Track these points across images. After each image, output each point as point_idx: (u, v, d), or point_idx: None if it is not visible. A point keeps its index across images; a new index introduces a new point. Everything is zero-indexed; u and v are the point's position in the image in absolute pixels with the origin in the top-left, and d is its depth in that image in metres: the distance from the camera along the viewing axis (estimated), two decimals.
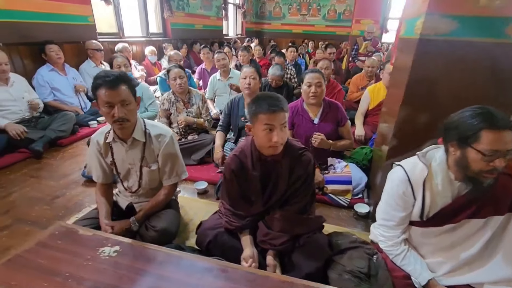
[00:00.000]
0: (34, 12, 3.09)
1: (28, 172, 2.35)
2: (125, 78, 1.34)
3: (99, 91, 1.28)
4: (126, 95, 1.32)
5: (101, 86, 1.27)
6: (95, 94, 1.31)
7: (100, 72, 1.32)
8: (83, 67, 3.61)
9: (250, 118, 1.28)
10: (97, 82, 1.29)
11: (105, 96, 1.27)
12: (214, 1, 7.38)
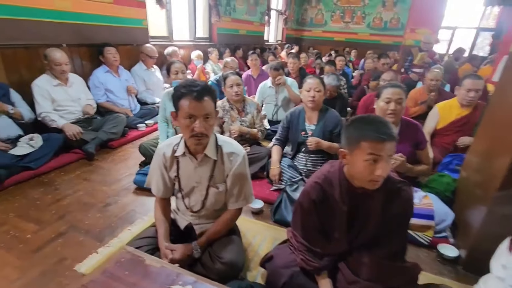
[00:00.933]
0: (95, 15, 3.15)
1: (81, 174, 2.33)
2: (210, 89, 1.21)
3: (182, 101, 1.16)
4: (210, 109, 1.19)
5: (186, 97, 1.15)
6: (176, 104, 1.18)
7: (185, 81, 1.19)
8: (134, 69, 3.64)
9: (346, 143, 1.07)
10: (181, 92, 1.16)
11: (189, 108, 1.14)
12: (259, 7, 7.32)
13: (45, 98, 2.55)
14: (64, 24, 2.86)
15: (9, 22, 2.42)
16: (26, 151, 2.24)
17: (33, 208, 1.87)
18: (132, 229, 1.72)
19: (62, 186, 2.14)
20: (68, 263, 1.45)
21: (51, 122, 2.51)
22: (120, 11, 3.45)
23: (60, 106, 2.67)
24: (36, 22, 2.61)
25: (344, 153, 1.08)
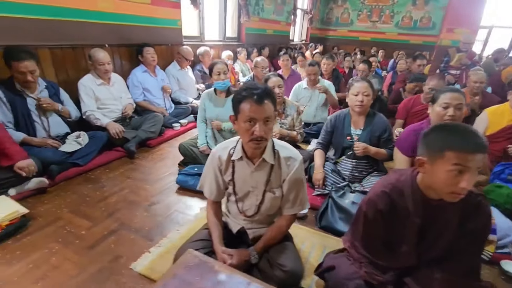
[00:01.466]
0: (133, 15, 3.22)
1: (124, 172, 2.39)
2: (270, 92, 1.19)
3: (243, 104, 1.14)
4: (270, 112, 1.17)
5: (246, 100, 1.13)
6: (236, 108, 1.17)
7: (247, 84, 1.18)
8: (169, 69, 3.69)
9: (426, 152, 1.01)
10: (242, 95, 1.15)
11: (250, 111, 1.13)
12: (286, 6, 7.25)
13: (90, 97, 2.64)
14: (106, 25, 2.94)
15: (58, 23, 2.51)
16: (74, 148, 2.32)
17: (84, 204, 1.93)
18: (180, 229, 1.73)
19: (108, 184, 2.19)
20: (123, 261, 1.47)
21: (95, 121, 2.58)
22: (156, 11, 3.51)
23: (103, 105, 2.75)
24: (81, 23, 2.70)
25: (422, 161, 1.02)
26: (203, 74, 4.21)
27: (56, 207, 1.88)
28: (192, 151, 2.47)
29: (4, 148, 1.86)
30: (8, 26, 2.18)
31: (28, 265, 1.42)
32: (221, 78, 2.35)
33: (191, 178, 2.16)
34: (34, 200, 1.93)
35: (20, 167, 1.85)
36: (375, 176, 2.04)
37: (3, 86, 2.10)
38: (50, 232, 1.65)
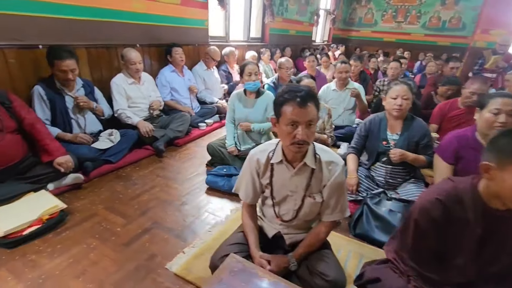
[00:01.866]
0: (163, 16, 3.26)
1: (154, 170, 2.42)
2: (314, 95, 1.15)
3: (285, 107, 1.11)
4: (314, 115, 1.13)
5: (289, 102, 1.10)
6: (278, 110, 1.14)
7: (289, 86, 1.15)
8: (195, 69, 3.72)
9: (496, 157, 0.94)
10: (284, 97, 1.12)
11: (292, 114, 1.09)
12: (309, 7, 7.17)
13: (121, 96, 2.69)
14: (138, 25, 2.99)
15: (94, 23, 2.57)
16: (107, 146, 2.37)
17: (117, 201, 1.96)
18: (212, 231, 1.72)
19: (139, 181, 2.22)
20: (158, 260, 1.48)
21: (126, 119, 2.64)
22: (185, 12, 3.54)
23: (134, 103, 2.80)
24: (116, 24, 2.76)
25: (488, 167, 0.95)
26: (227, 74, 4.22)
27: (91, 203, 1.92)
28: (220, 151, 2.47)
29: (44, 144, 1.93)
30: (50, 26, 2.26)
31: (68, 260, 1.45)
32: (252, 79, 2.33)
33: (220, 179, 2.15)
34: (70, 195, 1.99)
35: (59, 163, 1.91)
36: (412, 184, 1.96)
37: (44, 84, 2.18)
38: (87, 227, 1.69)
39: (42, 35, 2.23)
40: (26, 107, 1.99)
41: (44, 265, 1.41)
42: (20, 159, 1.92)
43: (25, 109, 1.97)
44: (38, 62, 2.24)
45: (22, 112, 1.94)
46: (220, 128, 3.53)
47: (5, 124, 1.85)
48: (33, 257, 1.46)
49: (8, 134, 1.86)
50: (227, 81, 4.19)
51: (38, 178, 1.89)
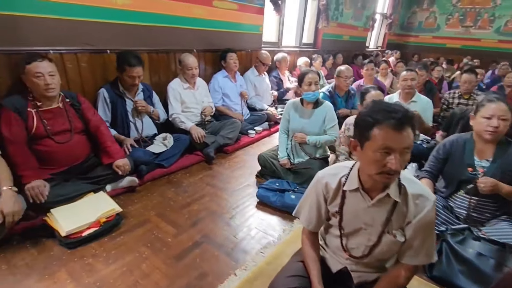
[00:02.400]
0: (221, 21, 3.26)
1: (203, 178, 2.38)
2: (412, 116, 0.95)
3: (376, 130, 0.92)
4: (411, 141, 0.93)
5: (382, 125, 0.91)
6: (365, 133, 0.96)
7: (379, 104, 0.97)
8: (247, 74, 3.67)
9: None
10: (375, 118, 0.93)
11: (387, 139, 0.91)
12: (365, 11, 6.78)
13: (177, 100, 2.72)
14: (196, 31, 3.02)
15: (157, 29, 2.64)
16: (161, 150, 2.40)
17: (169, 208, 1.94)
18: (264, 252, 1.59)
19: (190, 189, 2.19)
20: (210, 280, 1.39)
21: (180, 124, 2.65)
22: (241, 17, 3.52)
23: (187, 108, 2.81)
24: (176, 29, 2.81)
25: None
26: (278, 80, 4.10)
27: (144, 207, 1.92)
28: (272, 163, 2.35)
29: (106, 146, 1.98)
30: (118, 32, 2.36)
31: (122, 268, 1.43)
32: (311, 89, 2.17)
33: (272, 194, 2.02)
34: (125, 198, 2.02)
35: (118, 165, 1.95)
36: (503, 222, 1.62)
37: (108, 87, 2.27)
38: (140, 234, 1.68)
39: (110, 41, 2.33)
40: (93, 109, 2.08)
41: (100, 271, 1.41)
42: (84, 159, 2.00)
43: (92, 111, 2.05)
44: (105, 66, 2.34)
45: (89, 114, 2.02)
46: (268, 136, 3.43)
47: (74, 125, 1.94)
48: (90, 260, 1.46)
49: (76, 134, 1.95)
50: (277, 87, 4.08)
51: (98, 179, 1.95)
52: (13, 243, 1.54)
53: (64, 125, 1.90)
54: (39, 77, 1.73)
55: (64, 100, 1.93)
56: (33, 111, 1.79)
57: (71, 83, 2.17)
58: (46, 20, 1.95)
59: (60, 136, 1.88)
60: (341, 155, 2.13)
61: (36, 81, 1.73)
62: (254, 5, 3.62)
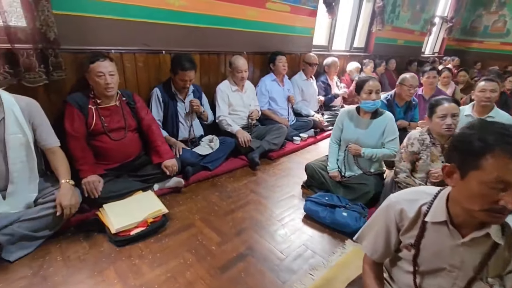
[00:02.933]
0: (272, 24, 3.18)
1: (247, 184, 2.30)
2: None
3: (489, 158, 0.72)
4: None
5: (501, 152, 0.72)
6: (470, 159, 0.77)
7: (495, 126, 0.77)
8: (295, 78, 3.55)
9: None
10: (490, 142, 0.73)
11: (504, 172, 0.71)
12: (424, 14, 6.26)
13: (224, 102, 2.69)
14: (247, 33, 2.97)
15: (210, 31, 2.63)
16: (207, 152, 2.38)
17: (213, 214, 1.89)
18: (314, 275, 1.45)
19: (234, 195, 2.13)
20: None
21: (226, 126, 2.61)
22: (293, 20, 3.41)
23: (234, 111, 2.77)
24: (229, 31, 2.79)
25: None
26: (326, 86, 3.91)
27: (189, 210, 1.90)
28: (320, 174, 2.19)
29: (157, 146, 2.00)
30: (173, 33, 2.39)
31: (166, 273, 1.40)
32: (372, 98, 1.98)
33: (321, 209, 1.87)
34: (171, 198, 2.01)
35: (166, 165, 1.95)
36: None
37: (161, 87, 2.30)
38: (184, 238, 1.64)
39: (165, 42, 2.37)
40: (146, 108, 2.12)
41: (145, 274, 1.38)
42: (135, 156, 2.03)
43: (145, 110, 2.09)
44: (159, 66, 2.39)
45: (142, 113, 2.06)
46: (314, 144, 3.26)
47: (128, 123, 1.98)
48: (137, 261, 1.45)
49: (129, 132, 2.00)
50: (325, 93, 3.89)
51: (147, 177, 1.97)
52: (68, 235, 1.60)
53: (119, 123, 1.95)
54: (100, 76, 1.79)
55: (121, 98, 1.98)
56: (93, 108, 1.86)
57: (128, 82, 2.24)
58: (108, 21, 2.02)
59: (115, 133, 1.93)
60: (401, 173, 1.91)
61: (97, 80, 1.79)
62: (307, 7, 3.49)
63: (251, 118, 2.81)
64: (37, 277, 1.33)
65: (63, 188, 1.52)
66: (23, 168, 1.52)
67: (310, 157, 2.87)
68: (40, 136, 1.58)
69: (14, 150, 1.47)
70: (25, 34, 1.66)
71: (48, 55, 1.74)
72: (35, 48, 1.69)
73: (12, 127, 1.46)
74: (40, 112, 1.60)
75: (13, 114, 1.47)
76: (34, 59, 1.70)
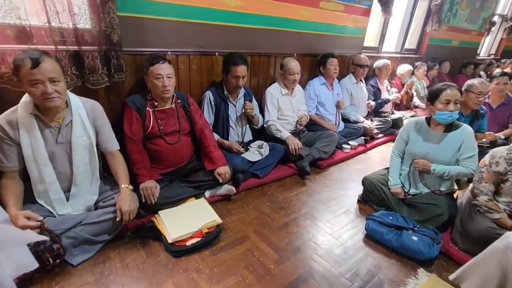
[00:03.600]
0: (325, 24, 3.01)
1: (298, 195, 2.18)
2: None
3: None
4: None
5: None
6: None
7: None
8: (344, 82, 3.35)
9: None
10: None
11: None
12: (483, 12, 5.69)
13: (274, 106, 2.58)
14: (298, 34, 2.83)
15: (263, 32, 2.52)
16: (256, 158, 2.28)
17: (267, 226, 1.79)
18: None
19: (285, 206, 2.02)
20: None
21: (275, 132, 2.50)
22: (346, 19, 3.20)
23: (282, 116, 2.66)
24: (281, 32, 2.66)
25: None
26: (376, 90, 3.66)
27: (241, 221, 1.81)
28: (381, 190, 2.00)
29: (210, 151, 1.94)
30: (226, 34, 2.31)
31: None
32: (449, 109, 1.76)
33: (386, 230, 1.69)
34: (222, 207, 1.94)
35: (219, 173, 1.88)
36: None
37: (214, 90, 2.24)
38: (240, 253, 1.56)
39: (218, 43, 2.30)
40: (200, 111, 2.06)
41: None
42: (188, 161, 1.99)
43: (199, 114, 2.04)
44: (212, 68, 2.33)
45: (196, 117, 2.01)
46: (364, 153, 3.05)
47: (183, 126, 1.94)
48: (194, 275, 1.39)
49: (183, 136, 1.95)
50: (374, 97, 3.63)
51: (200, 183, 1.92)
52: (125, 240, 1.58)
53: (174, 126, 1.91)
54: (158, 78, 1.76)
55: (176, 101, 1.94)
56: (150, 110, 1.84)
57: (181, 83, 2.20)
58: (166, 22, 1.99)
59: (170, 136, 1.90)
60: (482, 195, 1.67)
61: (155, 82, 1.76)
62: (361, 6, 3.27)
63: (300, 123, 2.68)
64: (100, 284, 1.31)
65: (123, 193, 1.50)
66: (86, 171, 1.52)
67: (362, 168, 2.68)
68: (101, 139, 1.58)
69: (79, 153, 1.48)
70: (91, 36, 1.66)
71: (111, 57, 1.74)
72: (99, 50, 1.68)
73: (78, 130, 1.46)
74: (103, 115, 1.59)
75: (80, 116, 1.47)
76: (97, 61, 1.70)
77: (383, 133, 3.43)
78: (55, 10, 1.47)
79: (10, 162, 1.38)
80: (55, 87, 1.30)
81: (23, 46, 1.46)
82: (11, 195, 1.34)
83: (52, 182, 1.43)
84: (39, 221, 1.30)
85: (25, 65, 1.23)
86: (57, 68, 1.32)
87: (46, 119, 1.39)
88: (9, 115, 1.35)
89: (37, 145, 1.38)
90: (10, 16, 1.39)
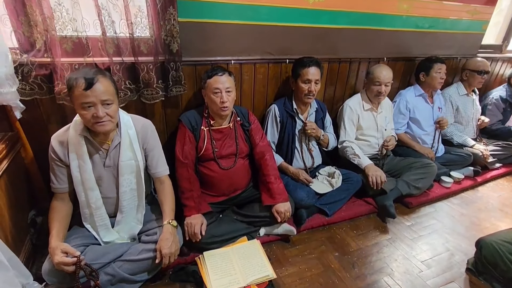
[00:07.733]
0: (427, 18, 2.33)
1: (379, 245, 1.68)
2: None
3: None
4: None
5: None
6: None
7: None
8: (449, 93, 2.59)
9: None
10: None
11: None
12: None
13: (353, 124, 2.10)
14: (390, 33, 2.23)
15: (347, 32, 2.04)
16: (326, 190, 1.87)
17: None
18: None
19: (359, 261, 1.56)
20: None
21: (352, 157, 2.02)
22: (460, 10, 2.44)
23: (362, 136, 2.15)
24: (368, 32, 2.13)
25: None
26: (507, 106, 2.72)
27: (300, 276, 1.44)
28: (507, 259, 1.37)
29: (269, 182, 1.61)
30: (302, 37, 1.92)
31: None
32: None
33: None
34: (277, 249, 1.61)
35: (279, 210, 1.54)
36: None
37: (280, 103, 1.90)
38: None
39: (290, 48, 1.92)
40: (261, 131, 1.75)
41: None
42: (243, 189, 1.71)
43: (260, 134, 1.73)
44: (279, 78, 1.99)
45: (257, 138, 1.70)
46: (472, 189, 2.30)
47: (241, 148, 1.67)
48: None
49: (239, 159, 1.68)
50: (503, 118, 2.71)
51: (254, 219, 1.61)
52: (165, 281, 1.39)
53: (231, 148, 1.64)
54: (216, 93, 1.50)
55: (235, 119, 1.67)
56: (205, 129, 1.60)
57: (243, 96, 1.92)
58: (232, 27, 1.70)
59: (225, 160, 1.64)
60: None
61: (213, 98, 1.51)
62: None
63: (386, 147, 2.12)
64: None
65: (165, 232, 1.29)
66: (132, 196, 1.38)
67: (470, 213, 2.00)
68: (151, 163, 1.41)
69: (125, 177, 1.33)
70: (147, 47, 1.50)
71: (170, 69, 1.55)
72: (155, 62, 1.51)
73: (126, 153, 1.31)
74: (154, 136, 1.42)
75: (129, 137, 1.32)
76: (152, 74, 1.53)
77: (502, 161, 2.56)
78: (110, 20, 1.33)
79: (61, 183, 1.30)
80: (107, 110, 1.16)
81: (79, 59, 1.37)
82: (56, 222, 1.26)
83: (98, 207, 1.32)
84: (75, 256, 1.18)
85: (78, 85, 1.10)
86: (111, 88, 1.17)
87: (96, 141, 1.27)
88: (61, 136, 1.26)
89: (85, 168, 1.27)
90: (67, 28, 1.30)
